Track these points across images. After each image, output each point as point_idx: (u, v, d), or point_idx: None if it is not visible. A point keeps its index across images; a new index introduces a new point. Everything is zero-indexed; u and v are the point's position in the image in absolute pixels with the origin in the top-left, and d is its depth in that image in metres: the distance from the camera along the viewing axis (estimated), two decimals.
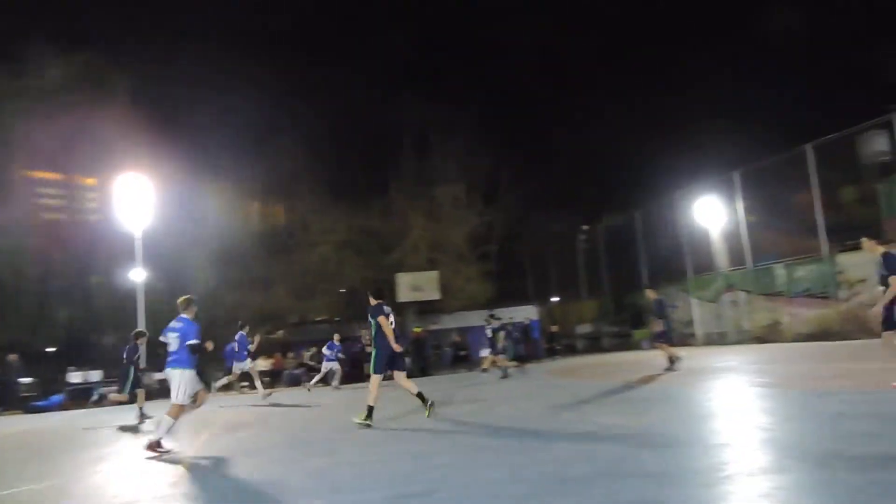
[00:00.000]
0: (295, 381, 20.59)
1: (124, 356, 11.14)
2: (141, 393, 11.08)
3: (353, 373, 19.86)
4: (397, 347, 7.74)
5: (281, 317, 25.01)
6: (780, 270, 19.16)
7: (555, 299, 33.23)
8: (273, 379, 21.16)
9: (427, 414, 7.69)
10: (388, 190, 24.00)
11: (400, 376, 8.06)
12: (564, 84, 50.36)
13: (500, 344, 15.55)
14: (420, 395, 7.92)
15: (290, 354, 22.38)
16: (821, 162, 17.75)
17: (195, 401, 7.15)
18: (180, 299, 7.25)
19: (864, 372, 8.99)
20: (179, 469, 5.85)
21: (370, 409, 7.46)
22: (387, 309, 7.87)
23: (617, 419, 6.62)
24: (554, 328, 25.77)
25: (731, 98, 42.49)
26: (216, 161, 22.57)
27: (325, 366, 16.10)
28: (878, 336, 11.85)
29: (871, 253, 7.41)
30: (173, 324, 7.01)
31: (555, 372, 15.75)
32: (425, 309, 23.66)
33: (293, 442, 7.37)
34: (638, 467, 4.27)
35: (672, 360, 11.76)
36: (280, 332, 25.11)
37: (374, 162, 25.28)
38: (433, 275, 23.04)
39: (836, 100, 29.88)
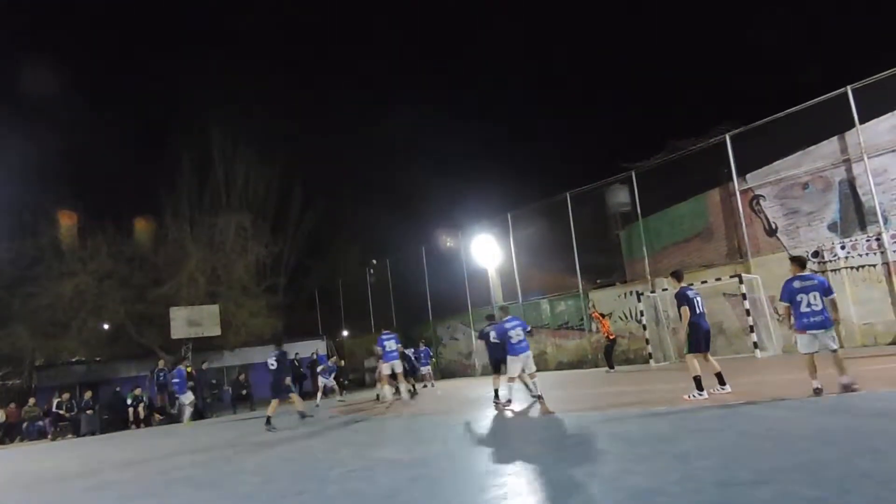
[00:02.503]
0: (41, 434, 17.62)
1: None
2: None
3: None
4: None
5: (20, 359, 21.27)
6: (545, 305, 21.30)
7: (345, 333, 33.06)
8: (7, 433, 17.85)
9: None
10: (163, 216, 21.88)
11: None
12: (357, 120, 51.40)
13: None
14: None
15: (32, 402, 19.08)
16: (577, 209, 20.26)
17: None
18: (500, 306, 10.01)
19: (605, 395, 10.24)
20: None
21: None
22: None
23: (392, 453, 6.70)
24: (339, 361, 25.51)
25: (508, 148, 47.13)
26: None
27: (321, 382, 17.91)
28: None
29: (673, 288, 8.66)
30: (510, 324, 9.33)
31: (339, 407, 15.53)
32: (204, 346, 21.93)
33: None
34: (411, 500, 4.33)
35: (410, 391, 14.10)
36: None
37: (146, 183, 22.98)
38: (213, 309, 21.47)
39: (595, 154, 34.63)
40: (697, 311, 8.09)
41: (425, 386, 18.54)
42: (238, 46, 52.72)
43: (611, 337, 16.16)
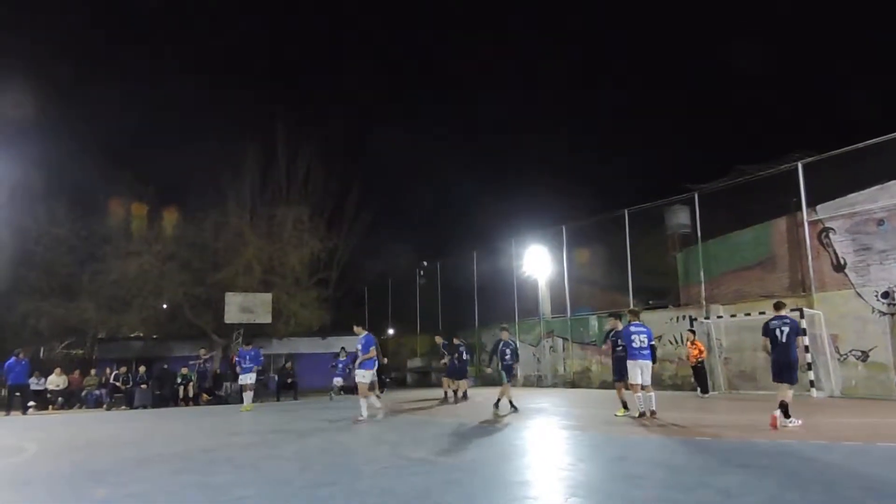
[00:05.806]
0: (97, 403, 18.51)
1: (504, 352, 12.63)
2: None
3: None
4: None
5: (85, 330, 22.41)
6: (593, 321, 20.92)
7: (391, 332, 33.38)
8: (67, 399, 18.81)
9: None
10: (226, 204, 22.58)
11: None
12: (416, 129, 51.95)
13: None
14: None
15: (93, 372, 20.09)
16: (634, 227, 19.84)
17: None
18: (633, 309, 9.43)
19: (648, 419, 9.96)
20: None
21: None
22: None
23: (428, 454, 6.74)
24: (382, 359, 25.76)
25: (569, 161, 46.68)
26: (19, 156, 19.88)
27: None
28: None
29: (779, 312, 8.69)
30: (635, 328, 9.20)
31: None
32: (253, 332, 22.52)
33: (80, 471, 6.56)
34: (441, 502, 4.36)
35: (456, 394, 14.09)
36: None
37: (212, 172, 23.73)
38: (266, 297, 22.01)
39: (658, 173, 33.91)
40: (778, 342, 8.20)
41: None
42: (311, 48, 54.08)
43: (699, 357, 15.42)
